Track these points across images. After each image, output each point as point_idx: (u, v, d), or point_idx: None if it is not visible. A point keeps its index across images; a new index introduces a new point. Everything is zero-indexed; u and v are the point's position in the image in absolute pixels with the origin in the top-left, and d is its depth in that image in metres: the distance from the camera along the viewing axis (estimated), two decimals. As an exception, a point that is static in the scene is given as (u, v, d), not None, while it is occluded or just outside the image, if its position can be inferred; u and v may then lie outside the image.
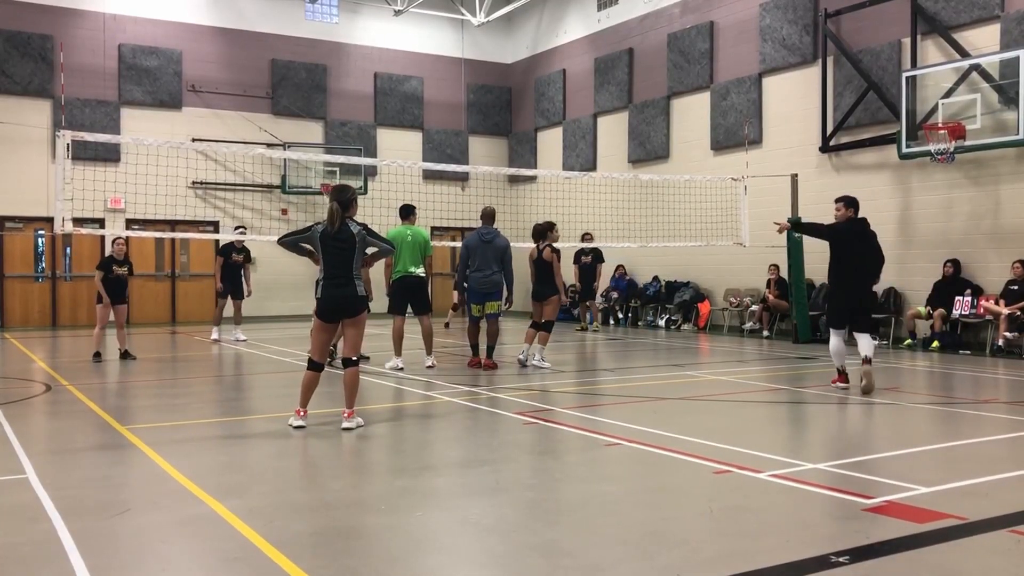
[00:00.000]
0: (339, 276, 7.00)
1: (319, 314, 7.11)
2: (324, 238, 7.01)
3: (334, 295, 7.01)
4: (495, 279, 10.98)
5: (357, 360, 7.20)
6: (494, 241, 10.98)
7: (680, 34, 19.07)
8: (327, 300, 7.04)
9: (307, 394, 7.14)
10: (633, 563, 3.89)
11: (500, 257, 10.97)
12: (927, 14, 14.28)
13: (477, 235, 11.04)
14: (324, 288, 7.05)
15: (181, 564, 4.00)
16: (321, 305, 7.07)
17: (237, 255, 15.36)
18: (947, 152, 13.15)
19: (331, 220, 6.98)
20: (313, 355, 7.22)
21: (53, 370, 11.17)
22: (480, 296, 11.01)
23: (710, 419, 7.88)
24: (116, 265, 12.43)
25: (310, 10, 22.23)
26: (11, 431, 6.92)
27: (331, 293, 7.02)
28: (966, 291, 13.47)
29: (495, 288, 11.01)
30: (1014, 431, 7.06)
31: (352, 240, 7.02)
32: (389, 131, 23.02)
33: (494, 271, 10.96)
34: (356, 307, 7.08)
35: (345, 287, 7.01)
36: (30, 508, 4.76)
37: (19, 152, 18.92)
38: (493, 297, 11.00)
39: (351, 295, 7.02)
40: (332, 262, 7.01)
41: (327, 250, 7.02)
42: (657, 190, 18.28)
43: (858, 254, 9.01)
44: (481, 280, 10.95)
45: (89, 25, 19.72)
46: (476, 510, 4.83)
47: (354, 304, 7.06)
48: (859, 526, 4.37)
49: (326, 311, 7.08)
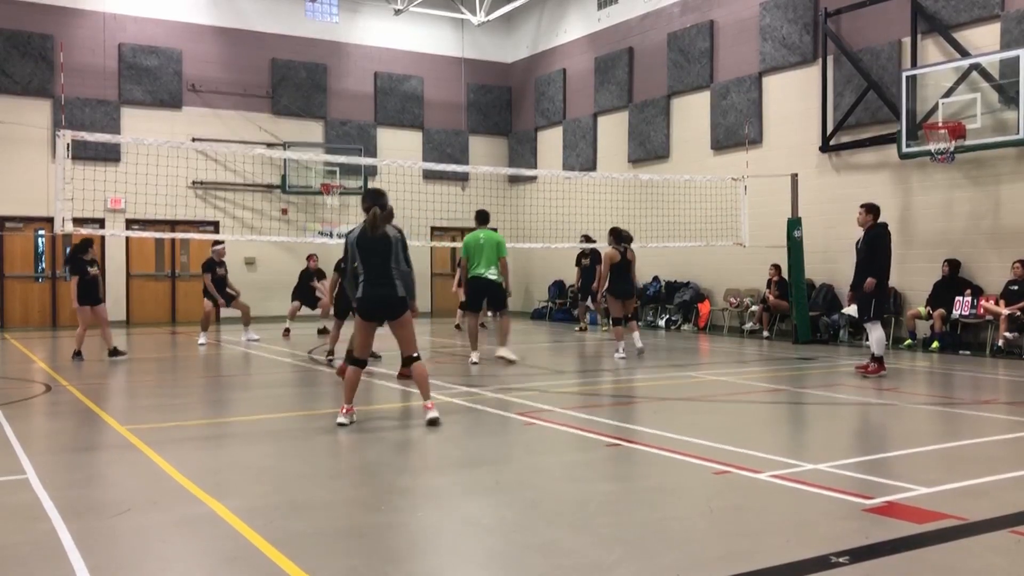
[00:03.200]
0: (378, 276, 7.00)
1: (360, 313, 7.08)
2: (361, 241, 7.01)
3: (374, 294, 7.00)
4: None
5: (418, 356, 7.24)
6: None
7: (680, 33, 19.07)
8: (368, 299, 7.02)
9: (351, 391, 7.12)
10: (633, 563, 3.89)
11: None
12: (927, 13, 14.27)
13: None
14: (364, 288, 7.04)
15: (181, 564, 4.00)
16: (361, 304, 7.05)
17: (221, 268, 15.36)
18: (947, 152, 13.15)
19: (373, 225, 6.96)
20: (356, 352, 7.20)
21: (53, 370, 11.17)
22: None
23: (710, 419, 7.88)
24: (89, 265, 12.63)
25: (310, 10, 22.23)
26: (11, 431, 6.92)
27: (371, 292, 7.01)
28: (966, 291, 13.46)
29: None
30: (1014, 431, 7.06)
31: (389, 243, 7.03)
32: (389, 131, 23.02)
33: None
34: (397, 308, 7.07)
35: (385, 287, 7.00)
36: (30, 508, 4.76)
37: (19, 152, 18.92)
38: None
39: (392, 295, 7.01)
40: (370, 263, 7.01)
41: (364, 252, 7.01)
42: (657, 190, 18.27)
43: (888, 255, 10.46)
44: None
45: (89, 25, 19.72)
46: (476, 510, 4.83)
47: (395, 305, 7.05)
48: (859, 526, 4.37)
49: (367, 310, 7.06)
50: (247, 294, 21.19)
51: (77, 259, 12.68)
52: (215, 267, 15.35)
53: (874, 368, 10.21)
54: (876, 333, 10.25)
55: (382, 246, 7.00)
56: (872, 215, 10.50)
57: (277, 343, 15.05)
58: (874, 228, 10.45)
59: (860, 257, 10.47)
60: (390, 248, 7.02)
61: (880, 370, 10.18)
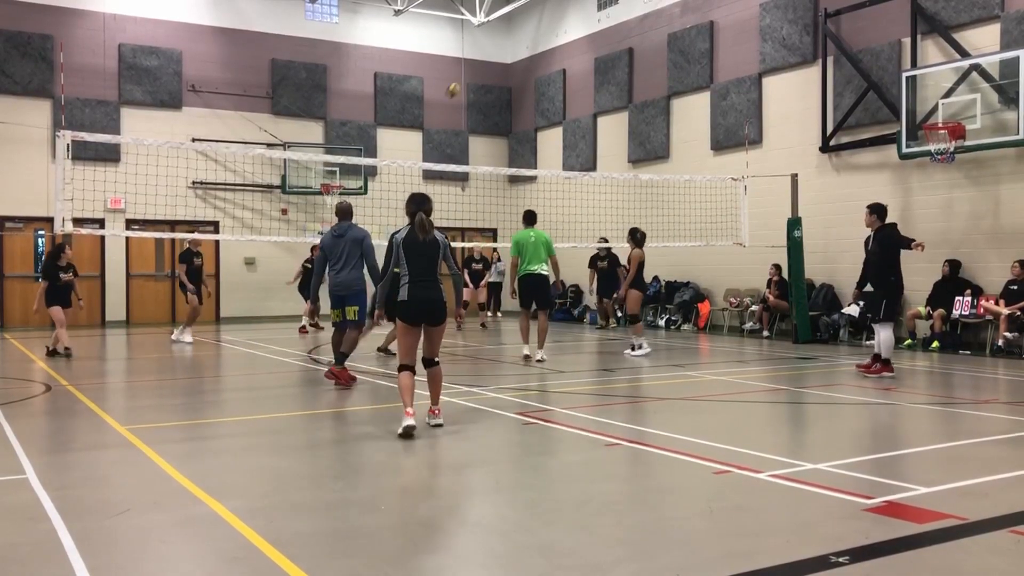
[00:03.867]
0: (424, 279, 6.90)
1: (404, 317, 6.91)
2: (408, 244, 6.93)
3: (421, 297, 6.87)
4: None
5: (438, 361, 7.12)
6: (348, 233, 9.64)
7: (680, 34, 19.07)
8: (414, 302, 6.88)
9: (409, 394, 6.90)
10: (633, 563, 3.89)
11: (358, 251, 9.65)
12: (927, 14, 14.28)
13: (330, 232, 9.83)
14: (411, 290, 6.89)
15: (181, 564, 4.00)
16: (406, 308, 6.89)
17: (198, 259, 15.36)
18: (947, 152, 13.15)
19: (423, 230, 6.90)
20: (403, 359, 7.00)
21: (53, 370, 11.17)
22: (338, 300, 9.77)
23: (710, 419, 7.88)
24: (62, 271, 12.84)
25: (310, 10, 22.24)
26: (11, 431, 6.92)
27: (418, 295, 6.87)
28: (966, 291, 13.47)
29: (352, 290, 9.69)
30: (1014, 431, 7.06)
31: (438, 246, 6.98)
32: (389, 131, 23.02)
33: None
34: (441, 312, 6.96)
35: (431, 289, 6.92)
36: (30, 508, 4.76)
37: (19, 152, 18.92)
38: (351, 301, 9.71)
39: (438, 299, 6.92)
40: (416, 264, 6.90)
41: (411, 254, 6.92)
42: (657, 190, 18.28)
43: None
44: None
45: (89, 25, 19.72)
46: (476, 510, 4.83)
47: (439, 309, 6.94)
48: (859, 526, 4.37)
49: (412, 313, 6.89)
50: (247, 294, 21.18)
51: (50, 265, 12.86)
52: (192, 257, 15.30)
53: (877, 369, 10.17)
54: (884, 334, 10.21)
55: (431, 249, 6.94)
56: (876, 215, 10.48)
57: (277, 343, 15.03)
58: (883, 229, 10.43)
59: (872, 258, 10.45)
60: (438, 251, 6.97)
61: (884, 371, 10.12)
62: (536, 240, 11.95)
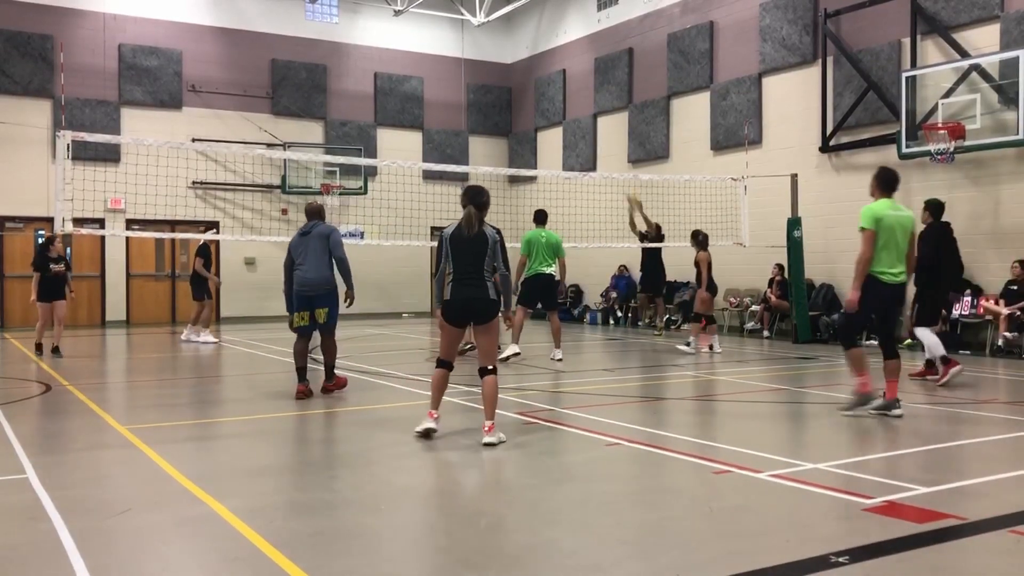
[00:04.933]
0: (470, 276, 6.54)
1: (446, 316, 6.61)
2: (455, 240, 6.57)
3: (465, 296, 6.53)
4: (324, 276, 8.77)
5: (494, 368, 6.63)
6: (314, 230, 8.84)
7: (680, 34, 19.07)
8: (457, 301, 6.55)
9: (437, 394, 6.70)
10: (633, 563, 3.90)
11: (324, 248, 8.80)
12: (927, 14, 14.28)
13: (298, 232, 9.06)
14: (453, 288, 6.56)
15: (181, 564, 4.00)
16: (449, 307, 6.58)
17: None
18: (947, 152, 13.15)
19: (469, 224, 6.55)
20: (441, 354, 6.75)
21: (53, 370, 11.17)
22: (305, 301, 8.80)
23: (710, 419, 7.88)
24: (53, 262, 12.89)
25: (310, 10, 22.24)
26: (11, 431, 6.92)
27: (462, 294, 6.54)
28: (966, 291, 13.46)
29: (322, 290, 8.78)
30: (1014, 431, 7.06)
31: (486, 242, 6.57)
32: (389, 131, 23.02)
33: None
34: (488, 311, 6.57)
35: (477, 287, 6.53)
36: (30, 508, 4.76)
37: (19, 152, 18.93)
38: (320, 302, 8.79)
39: (483, 297, 6.54)
40: (462, 261, 6.54)
41: (457, 250, 6.56)
42: (657, 190, 18.27)
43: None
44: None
45: (89, 25, 19.73)
46: (476, 510, 4.83)
47: (486, 308, 6.57)
48: (859, 526, 4.37)
49: (454, 312, 6.58)
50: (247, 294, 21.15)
51: (41, 256, 12.95)
52: (209, 252, 15.25)
53: (944, 371, 9.49)
54: (926, 338, 9.69)
55: (478, 246, 6.55)
56: (928, 212, 10.03)
57: (277, 343, 15.02)
58: (930, 227, 9.82)
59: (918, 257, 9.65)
60: (486, 248, 6.55)
61: (951, 367, 9.43)
62: (547, 240, 11.98)
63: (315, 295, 8.66)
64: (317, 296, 8.66)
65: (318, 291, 8.66)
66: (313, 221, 8.93)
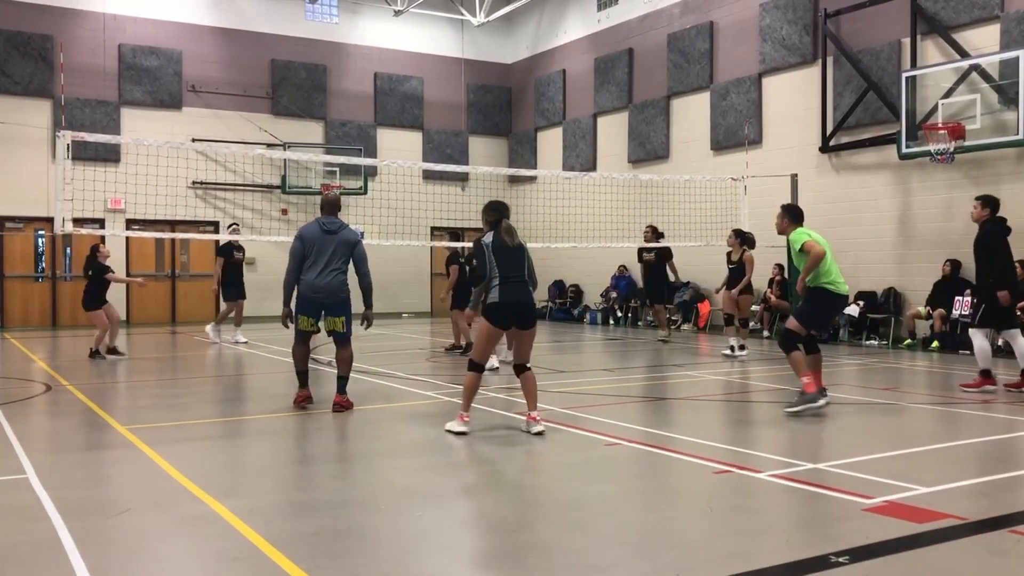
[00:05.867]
0: (519, 280, 6.78)
1: (493, 319, 6.72)
2: (498, 248, 6.83)
3: (517, 299, 6.73)
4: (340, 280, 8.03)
5: (530, 366, 6.97)
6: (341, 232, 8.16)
7: (680, 34, 19.08)
8: (508, 304, 6.70)
9: (470, 397, 6.85)
10: (633, 563, 3.89)
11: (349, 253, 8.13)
12: (927, 14, 14.28)
13: (317, 223, 8.20)
14: (503, 292, 6.70)
15: (181, 564, 4.00)
16: (499, 309, 6.70)
17: (238, 252, 15.20)
18: (947, 152, 13.16)
19: (511, 236, 6.89)
20: (478, 358, 6.88)
21: (53, 370, 11.17)
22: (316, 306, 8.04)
23: (710, 419, 7.88)
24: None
25: (310, 10, 22.24)
26: (11, 431, 6.92)
27: (509, 297, 6.70)
28: (966, 291, 13.46)
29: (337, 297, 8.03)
30: (1014, 431, 7.06)
31: (524, 251, 6.94)
32: (389, 131, 23.03)
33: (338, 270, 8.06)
34: (533, 316, 6.87)
35: (524, 292, 6.80)
36: (30, 508, 4.76)
37: (19, 152, 18.93)
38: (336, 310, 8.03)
39: (529, 301, 6.83)
40: (508, 267, 6.78)
41: (501, 255, 6.80)
42: (657, 190, 18.28)
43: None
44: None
45: (89, 25, 19.73)
46: (476, 510, 4.83)
47: (532, 312, 6.86)
48: (859, 526, 4.37)
49: (502, 315, 6.72)
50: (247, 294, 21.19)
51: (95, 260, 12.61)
52: (232, 251, 14.99)
53: (978, 381, 9.10)
54: (976, 342, 9.18)
55: (520, 254, 6.89)
56: (988, 208, 9.15)
57: (278, 343, 15.02)
58: (985, 224, 9.13)
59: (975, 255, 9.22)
60: (525, 256, 6.92)
61: (985, 383, 9.00)
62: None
63: (331, 303, 7.93)
64: (333, 305, 7.94)
65: (334, 299, 7.92)
66: (336, 219, 8.19)
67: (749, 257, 12.94)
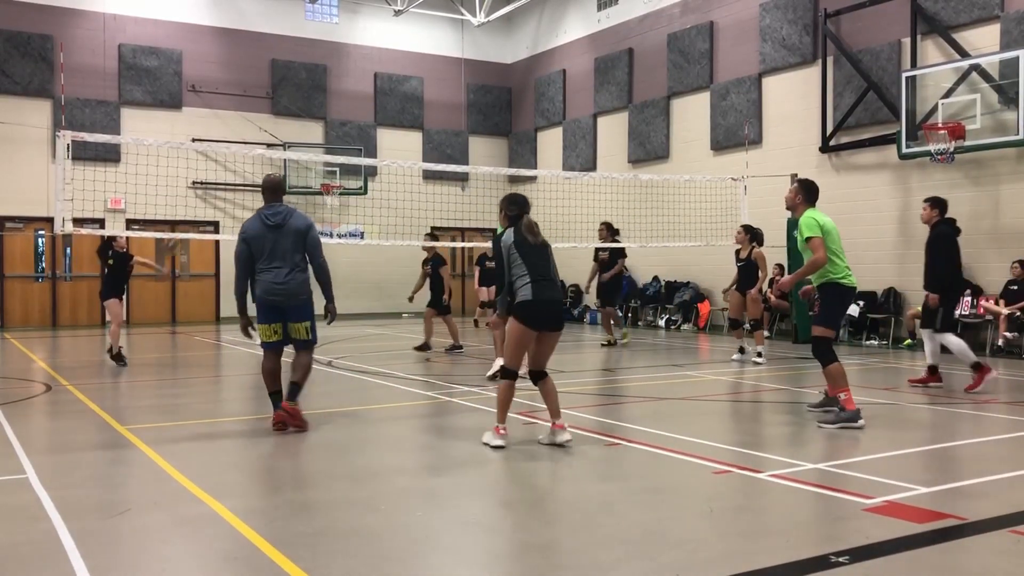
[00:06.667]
0: (547, 278, 6.33)
1: (527, 320, 6.21)
2: (522, 245, 6.35)
3: (547, 298, 6.26)
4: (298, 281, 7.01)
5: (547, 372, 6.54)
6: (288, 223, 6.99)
7: (680, 34, 19.08)
8: (540, 304, 6.21)
9: (505, 407, 6.36)
10: (633, 563, 3.89)
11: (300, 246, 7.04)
12: (927, 14, 14.28)
13: (259, 217, 7.04)
14: (535, 289, 6.21)
15: (181, 564, 4.00)
16: (531, 309, 6.20)
17: None
18: (947, 152, 13.16)
19: (532, 232, 6.42)
20: (511, 364, 6.33)
21: (53, 370, 11.17)
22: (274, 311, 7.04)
23: (710, 419, 7.88)
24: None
25: (310, 10, 22.24)
26: (11, 431, 6.92)
27: (543, 296, 6.23)
28: (966, 291, 13.46)
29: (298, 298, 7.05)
30: (1014, 431, 7.06)
31: (549, 249, 6.51)
32: (389, 131, 23.03)
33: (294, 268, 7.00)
34: (563, 318, 6.51)
35: (556, 290, 6.39)
36: (30, 508, 4.76)
37: (19, 152, 18.93)
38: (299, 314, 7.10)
39: (562, 301, 6.49)
40: (536, 264, 6.33)
41: (527, 253, 6.34)
42: (657, 190, 18.28)
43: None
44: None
45: (89, 25, 19.73)
46: (476, 510, 4.83)
47: (562, 313, 6.50)
48: (859, 526, 4.37)
49: (537, 315, 6.22)
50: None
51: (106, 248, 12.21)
52: None
53: (977, 380, 9.02)
54: (951, 343, 9.17)
55: (545, 251, 6.46)
56: (937, 209, 9.35)
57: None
58: (937, 225, 9.25)
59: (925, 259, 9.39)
60: (550, 254, 6.49)
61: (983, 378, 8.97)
62: None
63: (291, 306, 6.99)
64: (294, 308, 7.00)
65: (295, 301, 6.98)
66: (280, 205, 7.04)
67: (760, 254, 12.31)
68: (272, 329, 7.04)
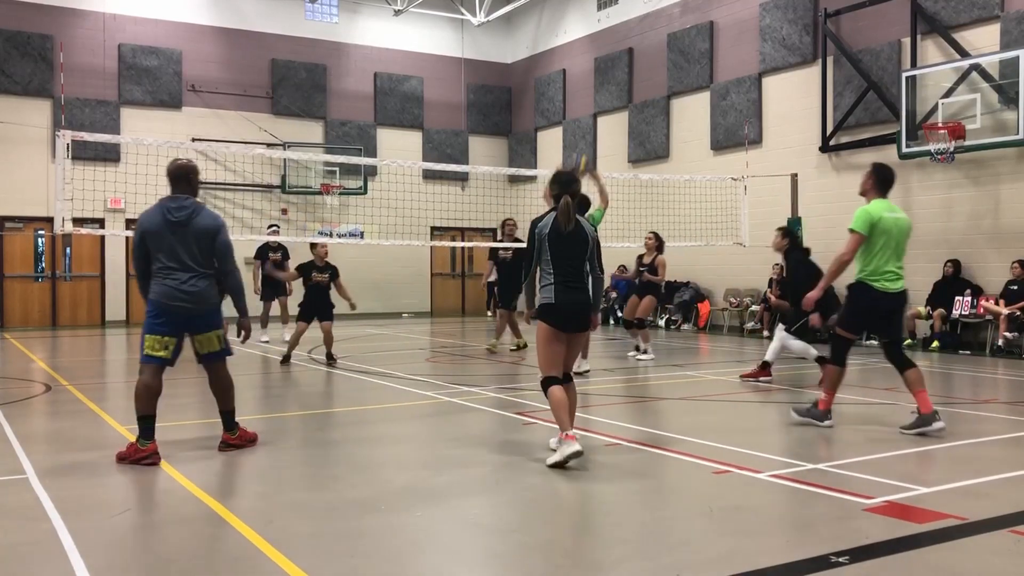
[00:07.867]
0: (573, 279, 5.83)
1: (554, 321, 5.80)
2: (554, 236, 5.80)
3: (573, 300, 5.80)
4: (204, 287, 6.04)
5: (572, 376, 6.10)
6: (192, 221, 5.96)
7: (680, 34, 19.08)
8: (566, 305, 5.78)
9: (566, 411, 5.74)
10: (633, 563, 3.89)
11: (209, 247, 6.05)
12: (927, 14, 14.28)
13: (160, 210, 5.96)
14: (558, 291, 5.78)
15: (181, 564, 3.99)
16: (553, 311, 5.79)
17: (274, 253, 14.84)
18: (947, 152, 13.16)
19: (566, 218, 5.77)
20: (549, 370, 5.88)
21: (53, 370, 11.17)
22: (184, 321, 6.04)
23: (710, 419, 7.88)
24: (317, 271, 11.57)
25: (310, 10, 22.24)
26: (11, 431, 6.92)
27: (570, 297, 5.79)
28: (966, 291, 13.47)
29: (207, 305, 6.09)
30: (1014, 431, 7.06)
31: (587, 241, 5.87)
32: (389, 131, 23.03)
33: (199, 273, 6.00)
34: (588, 319, 5.96)
35: (582, 291, 5.85)
36: (30, 508, 4.76)
37: (19, 152, 18.93)
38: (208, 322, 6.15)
39: (586, 301, 5.88)
40: (563, 262, 5.81)
41: (556, 249, 5.81)
42: (657, 190, 18.27)
43: None
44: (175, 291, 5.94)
45: (89, 25, 19.73)
46: (476, 510, 4.83)
47: (588, 314, 5.93)
48: (859, 526, 4.37)
49: (563, 318, 5.80)
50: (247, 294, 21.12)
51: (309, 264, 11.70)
52: (268, 252, 14.67)
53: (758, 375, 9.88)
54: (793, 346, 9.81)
55: (579, 244, 5.84)
56: (788, 239, 9.80)
57: (278, 343, 15.01)
58: (791, 254, 9.73)
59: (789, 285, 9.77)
60: (586, 247, 5.86)
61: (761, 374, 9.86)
62: None
63: (199, 313, 6.01)
64: (201, 315, 6.03)
65: (205, 306, 6.01)
66: (186, 199, 5.98)
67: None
68: (163, 342, 5.97)
